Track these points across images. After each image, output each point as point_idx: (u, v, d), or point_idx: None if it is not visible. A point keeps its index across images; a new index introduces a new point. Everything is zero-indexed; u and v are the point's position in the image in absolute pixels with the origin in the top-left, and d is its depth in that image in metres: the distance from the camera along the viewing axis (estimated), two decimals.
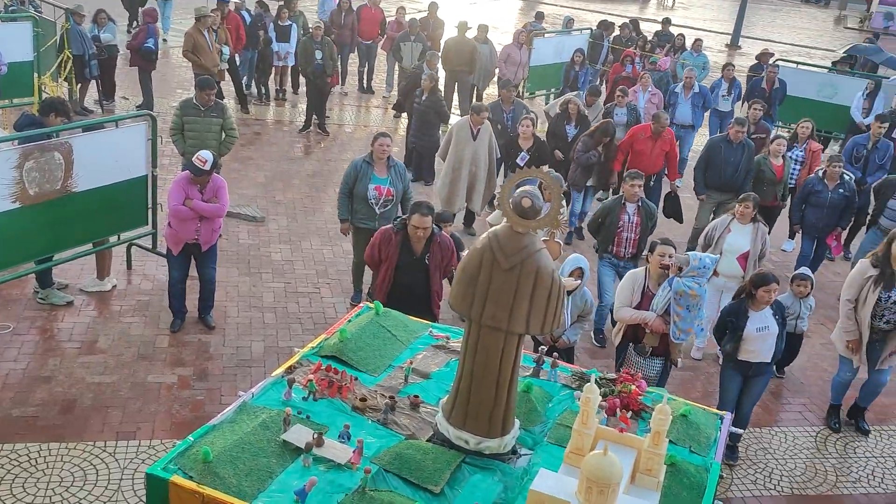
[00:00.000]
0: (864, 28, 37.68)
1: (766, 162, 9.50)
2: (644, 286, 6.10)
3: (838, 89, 14.63)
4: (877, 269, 6.57)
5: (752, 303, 6.10)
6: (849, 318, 6.73)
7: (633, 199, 7.74)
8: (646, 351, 6.07)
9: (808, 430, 7.07)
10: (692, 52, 16.02)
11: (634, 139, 9.85)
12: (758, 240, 7.63)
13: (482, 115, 9.53)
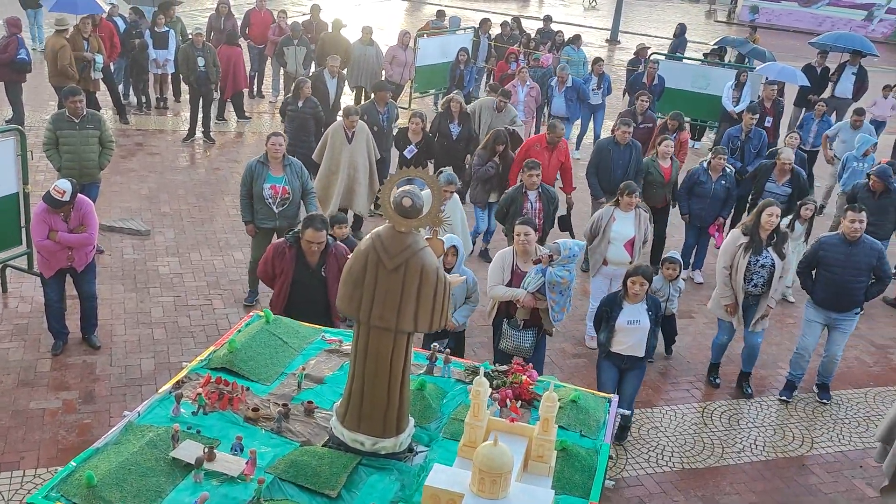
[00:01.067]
0: (732, 21, 39.60)
1: (654, 164, 9.48)
2: (513, 264, 6.43)
3: (711, 80, 15.32)
4: (747, 236, 7.20)
5: (626, 295, 6.33)
6: (725, 284, 7.30)
7: (533, 188, 8.14)
8: (518, 324, 6.39)
9: (696, 406, 7.40)
10: (573, 47, 16.48)
11: (530, 150, 9.58)
12: (641, 225, 7.92)
13: (352, 117, 9.45)
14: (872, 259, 7.17)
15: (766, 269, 7.17)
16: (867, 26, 36.82)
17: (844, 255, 7.13)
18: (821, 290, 7.29)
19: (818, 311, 7.40)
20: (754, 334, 7.44)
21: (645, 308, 6.30)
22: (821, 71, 15.96)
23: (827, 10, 37.32)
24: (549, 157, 9.48)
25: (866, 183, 9.14)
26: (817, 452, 6.91)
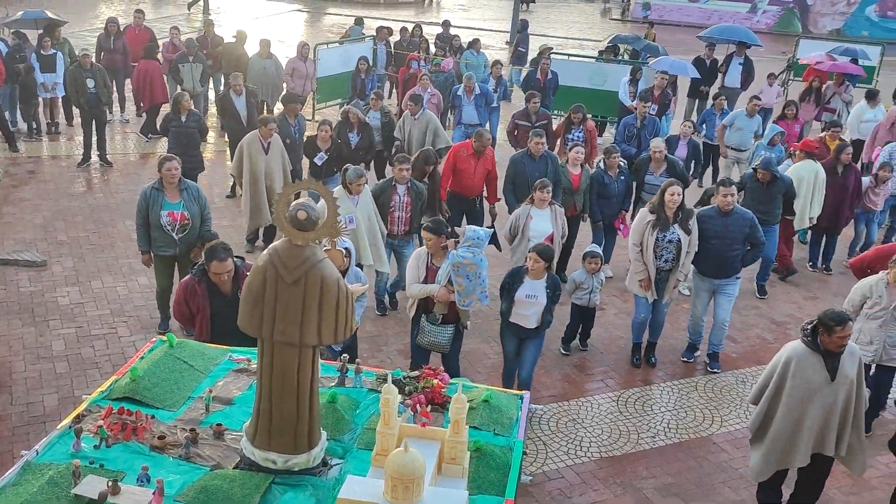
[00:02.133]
0: (627, 18, 40.74)
1: (564, 171, 9.29)
2: (427, 262, 6.60)
3: (607, 77, 15.73)
4: (654, 215, 7.59)
5: (528, 270, 6.60)
6: (637, 261, 7.70)
7: (403, 182, 8.30)
8: (437, 319, 6.55)
9: (611, 396, 7.57)
10: (472, 51, 16.66)
11: (457, 158, 9.44)
12: (557, 221, 8.10)
13: (270, 126, 9.44)
14: (746, 228, 7.74)
15: (674, 245, 7.61)
16: (752, 18, 38.44)
17: (722, 227, 7.68)
18: (703, 260, 7.82)
19: (704, 280, 7.95)
20: (661, 305, 7.93)
21: (544, 286, 6.61)
22: (710, 63, 16.59)
23: (714, 4, 38.81)
24: (475, 165, 9.40)
25: (754, 174, 9.49)
26: (726, 430, 7.16)
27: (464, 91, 12.91)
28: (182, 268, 7.51)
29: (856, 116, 13.77)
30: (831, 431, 5.52)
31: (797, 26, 37.68)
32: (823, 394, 5.40)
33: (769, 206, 9.34)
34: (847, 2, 38.00)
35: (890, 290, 6.69)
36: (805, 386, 5.41)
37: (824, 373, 5.39)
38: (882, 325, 6.72)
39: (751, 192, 9.41)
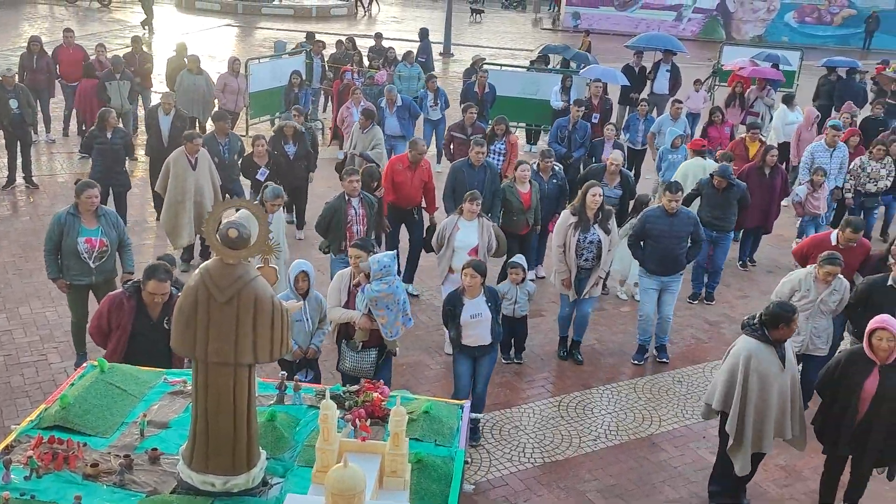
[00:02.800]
0: (557, 28, 41.38)
1: (512, 190, 9.15)
2: (350, 284, 6.39)
3: (539, 86, 15.94)
4: (575, 216, 7.91)
5: (464, 291, 6.58)
6: (560, 261, 8.03)
7: (355, 194, 8.26)
8: (357, 345, 6.34)
9: (552, 401, 7.66)
10: (406, 63, 16.70)
11: (393, 171, 9.45)
12: (484, 233, 8.13)
13: (195, 141, 9.29)
14: (690, 226, 8.19)
15: (595, 245, 7.94)
16: (678, 26, 39.46)
17: (668, 226, 8.09)
18: (651, 259, 8.19)
19: (651, 279, 8.25)
20: (585, 303, 8.23)
21: (484, 300, 6.62)
22: (638, 70, 16.98)
23: (641, 12, 39.74)
24: (411, 177, 9.39)
25: (710, 180, 9.66)
26: (665, 430, 7.31)
27: (386, 103, 12.93)
28: (99, 298, 7.03)
29: (780, 120, 14.25)
30: (786, 416, 5.82)
31: (721, 33, 38.81)
32: (779, 381, 5.70)
33: (725, 212, 9.59)
34: (767, 9, 39.32)
35: (817, 284, 6.98)
36: (764, 377, 5.68)
37: (777, 362, 5.70)
38: (809, 316, 6.99)
39: (707, 198, 9.61)
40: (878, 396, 5.59)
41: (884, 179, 10.84)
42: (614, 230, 8.09)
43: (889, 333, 5.52)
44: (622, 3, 40.08)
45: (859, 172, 10.86)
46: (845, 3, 38.62)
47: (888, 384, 5.57)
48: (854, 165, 10.98)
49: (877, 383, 5.59)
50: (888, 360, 5.58)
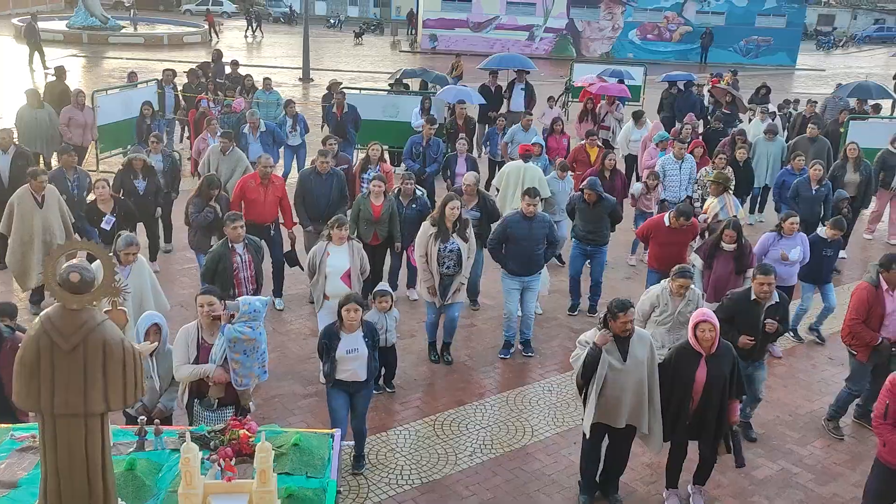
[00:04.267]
0: (416, 50, 41.98)
1: (366, 201, 9.42)
2: (198, 339, 5.94)
3: (400, 108, 16.09)
4: (435, 227, 8.29)
5: (342, 325, 6.45)
6: (424, 270, 8.41)
7: (238, 240, 7.85)
8: (212, 403, 5.85)
9: (426, 420, 7.69)
10: (264, 90, 16.48)
11: (245, 188, 9.41)
12: (355, 256, 8.09)
13: (40, 178, 8.78)
14: (546, 229, 8.67)
15: (455, 253, 8.35)
16: (531, 45, 40.94)
17: (527, 229, 8.55)
18: (512, 261, 8.66)
19: (513, 279, 8.74)
20: (451, 308, 8.60)
21: (361, 336, 6.46)
22: (495, 90, 17.47)
23: (495, 33, 40.97)
24: (265, 193, 9.47)
25: (581, 195, 9.86)
26: (538, 439, 7.47)
27: (249, 129, 12.73)
28: None
29: (624, 136, 15.00)
30: (642, 408, 6.14)
31: (572, 51, 40.54)
32: (621, 374, 6.02)
33: (598, 225, 9.79)
34: (612, 27, 41.39)
35: (673, 298, 7.27)
36: (611, 366, 6.04)
37: (618, 354, 6.03)
38: (669, 329, 7.28)
39: (580, 213, 9.82)
40: (708, 384, 6.05)
41: None
42: (472, 239, 8.50)
43: (710, 325, 6.00)
44: (477, 25, 41.17)
45: (706, 182, 11.54)
46: (682, 21, 41.21)
47: (714, 372, 6.04)
48: (701, 175, 11.66)
49: (705, 372, 6.05)
50: (712, 350, 6.05)
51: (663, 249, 9.04)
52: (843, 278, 11.64)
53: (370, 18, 56.13)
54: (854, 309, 7.29)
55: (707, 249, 8.67)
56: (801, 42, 43.90)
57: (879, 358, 7.31)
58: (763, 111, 16.21)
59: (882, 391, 5.60)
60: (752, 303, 7.05)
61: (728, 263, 8.46)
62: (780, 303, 7.08)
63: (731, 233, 8.41)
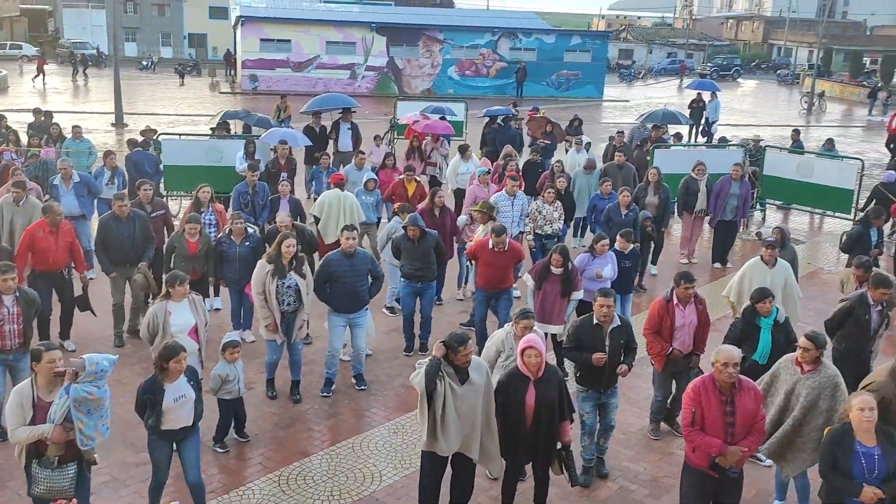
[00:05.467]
0: (236, 91, 41.19)
1: (180, 238, 9.79)
2: (34, 398, 5.68)
3: (223, 153, 15.63)
4: (272, 264, 8.35)
5: (164, 376, 6.19)
6: (263, 307, 8.42)
7: (9, 292, 7.49)
8: (52, 462, 5.65)
9: (271, 476, 7.40)
10: (74, 139, 15.55)
11: (34, 237, 9.26)
12: (199, 311, 7.75)
13: None
14: (368, 265, 8.87)
15: (293, 290, 8.42)
16: (354, 83, 41.27)
17: (349, 266, 8.69)
18: (337, 298, 8.73)
19: (339, 316, 8.83)
20: (296, 345, 8.67)
21: (186, 380, 6.32)
22: (319, 130, 17.42)
23: (317, 72, 40.96)
24: (55, 241, 9.39)
25: (405, 232, 9.93)
26: (386, 484, 7.38)
27: (61, 180, 11.91)
28: None
29: (452, 170, 15.37)
30: (475, 434, 6.31)
31: (394, 88, 41.25)
32: (458, 397, 6.21)
33: (425, 261, 9.88)
34: (432, 64, 42.54)
35: (517, 341, 7.14)
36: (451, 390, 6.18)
37: (457, 377, 6.21)
38: None
39: (405, 251, 9.88)
40: (538, 407, 6.32)
41: (556, 221, 12.01)
42: (309, 274, 8.63)
43: (536, 350, 6.28)
44: (298, 65, 40.99)
45: (536, 216, 11.97)
46: (497, 57, 43.03)
47: (542, 395, 6.32)
48: (532, 210, 12.07)
49: (534, 396, 6.31)
50: (539, 374, 6.32)
51: (488, 270, 9.60)
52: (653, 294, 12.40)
53: (186, 59, 54.52)
54: (648, 321, 7.94)
55: (538, 271, 9.04)
56: (606, 75, 47.01)
57: (674, 367, 7.93)
58: (577, 142, 17.18)
59: (685, 399, 6.00)
60: (596, 326, 7.24)
61: (556, 285, 8.89)
62: (623, 325, 7.32)
63: (558, 257, 8.84)
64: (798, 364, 6.46)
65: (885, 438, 5.51)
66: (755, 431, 5.88)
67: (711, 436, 5.77)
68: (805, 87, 47.18)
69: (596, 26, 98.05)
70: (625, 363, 7.27)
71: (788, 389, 6.43)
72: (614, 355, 7.20)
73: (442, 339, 6.30)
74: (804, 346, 6.37)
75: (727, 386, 5.78)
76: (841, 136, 25.29)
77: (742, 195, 13.79)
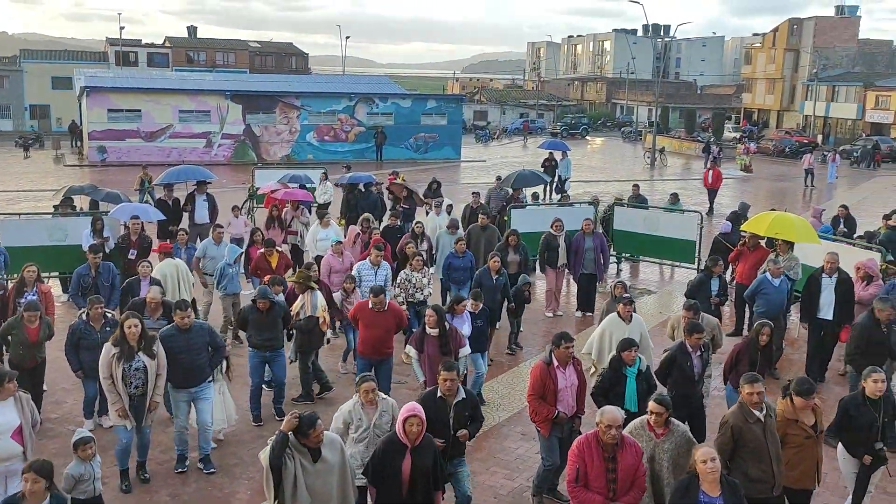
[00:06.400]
0: (84, 163, 39.47)
1: (20, 322, 9.31)
2: None
3: (68, 231, 14.85)
4: (117, 347, 8.03)
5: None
6: (111, 392, 8.11)
7: None
8: None
9: None
10: None
11: None
12: (25, 409, 7.13)
13: None
14: (206, 337, 8.68)
15: (142, 371, 8.10)
16: (210, 152, 40.44)
17: (185, 342, 8.48)
18: (176, 374, 8.47)
19: (181, 392, 8.60)
20: (147, 428, 8.39)
21: None
22: (172, 203, 16.86)
23: (170, 142, 39.86)
24: None
25: (253, 304, 9.85)
26: None
27: None
28: None
29: (311, 237, 15.20)
30: None
31: (252, 156, 40.71)
32: (311, 475, 6.17)
33: (273, 331, 9.82)
34: (290, 131, 42.36)
35: (366, 411, 7.08)
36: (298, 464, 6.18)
37: (309, 456, 6.19)
38: (367, 445, 6.99)
39: (253, 322, 9.80)
40: (413, 475, 6.28)
41: (427, 287, 12.04)
42: (160, 353, 8.24)
43: (418, 419, 6.27)
44: (149, 134, 39.79)
45: (406, 285, 11.95)
46: (355, 122, 43.41)
47: (419, 463, 6.30)
48: (401, 279, 12.02)
49: (411, 464, 6.28)
50: (417, 442, 6.30)
51: (370, 332, 9.52)
52: (524, 353, 12.64)
53: (28, 132, 51.88)
54: (531, 386, 7.78)
55: (417, 338, 9.01)
56: (462, 136, 48.32)
57: (560, 431, 7.79)
58: (437, 204, 17.44)
59: (570, 456, 6.10)
60: (440, 400, 7.03)
61: (436, 347, 8.83)
62: (467, 398, 7.22)
63: (431, 316, 8.83)
64: (651, 429, 6.54)
65: (728, 488, 5.74)
66: (636, 487, 6.08)
67: (594, 492, 5.92)
68: (647, 143, 50.26)
69: (451, 89, 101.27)
70: (466, 429, 7.10)
71: (649, 457, 6.46)
72: (459, 428, 7.06)
73: (296, 412, 6.20)
74: (655, 410, 6.47)
75: (610, 445, 5.96)
76: (682, 189, 26.95)
77: (597, 247, 14.46)
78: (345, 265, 12.56)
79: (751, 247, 13.44)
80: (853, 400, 7.39)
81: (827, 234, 15.12)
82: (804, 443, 6.82)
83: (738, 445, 6.60)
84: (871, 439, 7.34)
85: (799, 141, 54.09)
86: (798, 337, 13.54)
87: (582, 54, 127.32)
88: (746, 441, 6.56)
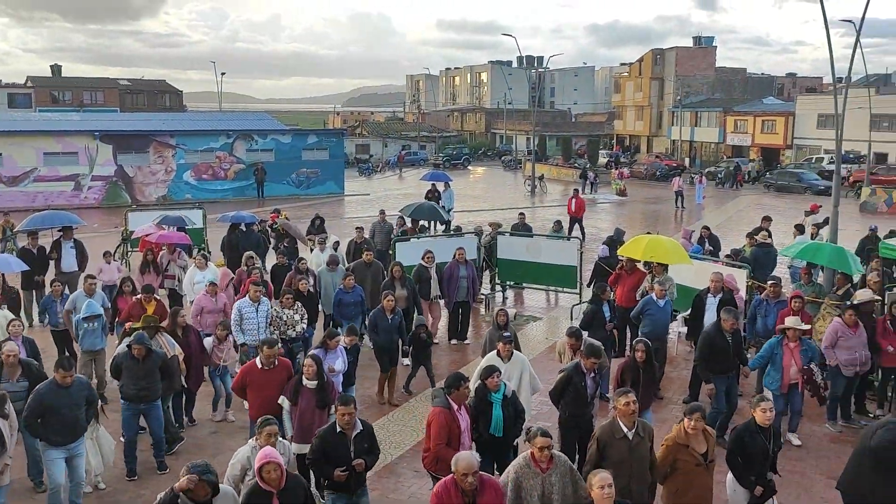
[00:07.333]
0: None
1: None
2: None
3: None
4: None
5: None
6: None
7: None
8: None
9: None
10: None
11: None
12: None
13: None
14: (85, 391, 8.45)
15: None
16: (79, 195, 38.60)
17: (66, 396, 8.19)
18: (53, 432, 8.17)
19: (57, 450, 8.23)
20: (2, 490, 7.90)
21: None
22: (38, 251, 15.94)
23: (35, 185, 37.80)
24: None
25: (128, 350, 9.45)
26: None
27: None
28: None
29: (188, 280, 14.67)
30: None
31: (126, 197, 39.09)
32: None
33: (150, 380, 9.39)
34: (166, 170, 41.00)
35: None
36: None
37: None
38: None
39: (127, 371, 9.38)
40: None
41: (299, 324, 11.79)
42: (12, 414, 7.87)
43: (275, 464, 6.08)
44: (12, 179, 37.65)
45: (278, 322, 11.66)
46: (234, 160, 42.48)
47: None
48: (272, 317, 11.74)
49: None
50: (281, 486, 6.09)
51: (263, 394, 8.79)
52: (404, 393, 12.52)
53: None
54: (437, 436, 7.44)
55: (292, 387, 8.63)
56: (345, 170, 48.08)
57: None
58: (320, 241, 17.22)
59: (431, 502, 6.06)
60: (340, 435, 7.08)
61: (311, 400, 8.49)
62: (365, 430, 7.22)
63: (311, 366, 8.47)
64: (536, 465, 6.42)
65: None
66: None
67: None
68: (526, 171, 51.47)
69: (332, 123, 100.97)
70: (363, 459, 7.12)
71: (540, 493, 6.34)
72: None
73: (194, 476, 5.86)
74: (542, 444, 6.38)
75: (469, 491, 5.92)
76: (563, 216, 27.64)
77: (469, 276, 14.92)
78: (218, 306, 12.18)
79: (628, 270, 13.88)
80: (747, 428, 7.50)
81: (697, 254, 15.82)
82: (694, 469, 7.01)
83: (603, 459, 6.83)
84: (764, 468, 7.49)
85: (668, 165, 56.86)
86: (677, 355, 14.04)
87: (460, 86, 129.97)
88: (610, 455, 6.82)
